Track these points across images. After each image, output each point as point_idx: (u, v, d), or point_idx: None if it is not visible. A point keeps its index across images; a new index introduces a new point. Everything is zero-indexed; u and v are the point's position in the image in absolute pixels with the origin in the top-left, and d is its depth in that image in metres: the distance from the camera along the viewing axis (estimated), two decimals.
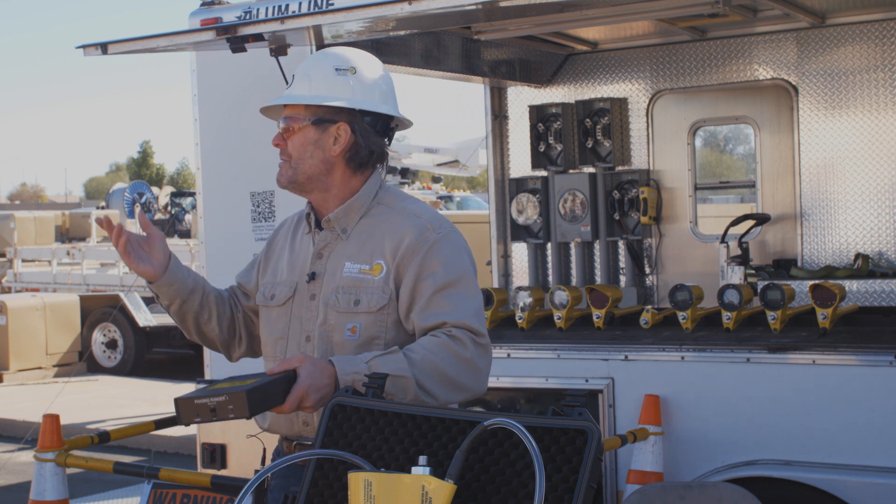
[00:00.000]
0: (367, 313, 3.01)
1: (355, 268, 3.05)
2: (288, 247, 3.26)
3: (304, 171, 3.09)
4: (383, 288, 3.01)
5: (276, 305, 3.18)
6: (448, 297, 2.97)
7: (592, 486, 2.29)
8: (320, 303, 3.08)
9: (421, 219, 3.06)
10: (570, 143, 7.44)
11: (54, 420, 4.82)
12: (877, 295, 6.30)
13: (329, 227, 3.13)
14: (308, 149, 3.07)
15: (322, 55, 3.13)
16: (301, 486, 2.62)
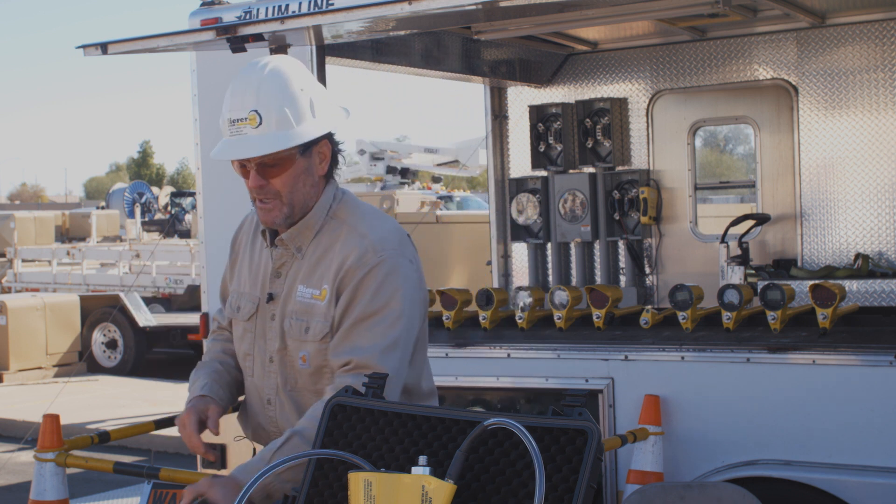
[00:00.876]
0: (313, 342, 2.93)
1: (307, 292, 2.94)
2: (248, 254, 3.15)
3: (300, 203, 2.95)
4: (325, 315, 2.92)
5: (243, 320, 3.08)
6: (366, 329, 2.86)
7: (592, 486, 2.29)
8: (278, 325, 2.99)
9: (366, 239, 2.92)
10: (570, 143, 7.44)
11: (54, 420, 4.81)
12: (877, 295, 6.30)
13: (283, 246, 3.01)
14: (301, 179, 2.92)
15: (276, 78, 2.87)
16: (301, 486, 2.62)
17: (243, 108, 2.85)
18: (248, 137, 2.85)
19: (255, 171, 2.89)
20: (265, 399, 3.05)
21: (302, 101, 2.88)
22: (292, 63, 2.96)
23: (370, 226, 2.96)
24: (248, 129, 2.84)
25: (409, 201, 16.96)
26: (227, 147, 2.88)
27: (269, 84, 2.86)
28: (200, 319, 6.13)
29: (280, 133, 2.85)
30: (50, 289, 18.64)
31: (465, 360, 5.32)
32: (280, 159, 2.88)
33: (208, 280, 6.12)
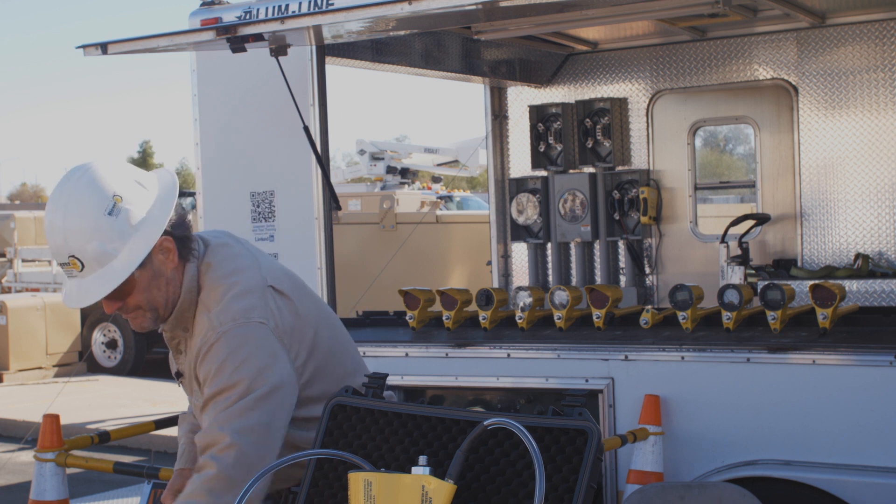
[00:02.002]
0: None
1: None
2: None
3: (162, 304, 2.89)
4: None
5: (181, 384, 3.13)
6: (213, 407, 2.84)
7: (592, 485, 2.29)
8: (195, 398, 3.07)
9: (209, 315, 2.88)
10: (570, 143, 7.44)
11: (54, 420, 4.82)
12: (877, 295, 6.30)
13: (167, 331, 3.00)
14: (152, 285, 2.85)
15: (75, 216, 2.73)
16: (301, 486, 2.62)
17: (61, 253, 2.76)
18: (81, 281, 2.77)
19: (105, 301, 2.81)
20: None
21: (113, 226, 2.74)
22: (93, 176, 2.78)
23: (216, 298, 2.90)
24: (74, 272, 2.76)
25: (409, 201, 16.95)
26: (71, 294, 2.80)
27: (73, 222, 2.74)
28: None
29: (105, 271, 2.75)
30: (50, 289, 18.62)
31: (465, 360, 5.32)
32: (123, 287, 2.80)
33: None
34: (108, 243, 2.73)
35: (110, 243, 2.73)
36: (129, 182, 2.79)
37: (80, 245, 2.72)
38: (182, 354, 3.01)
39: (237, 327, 2.84)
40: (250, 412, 2.78)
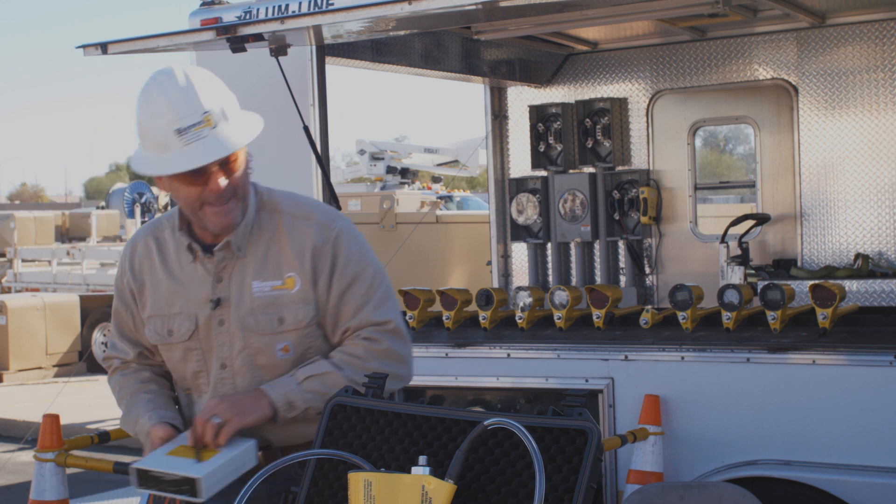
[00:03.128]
0: (295, 330, 2.94)
1: (266, 286, 2.93)
2: (163, 276, 3.03)
3: (246, 201, 2.94)
4: (304, 300, 2.93)
5: (180, 341, 3.01)
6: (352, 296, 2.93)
7: (592, 486, 2.29)
8: (233, 328, 2.95)
9: (313, 220, 2.97)
10: (570, 143, 7.44)
11: (54, 420, 4.82)
12: (877, 295, 6.30)
13: (225, 250, 2.95)
14: (245, 172, 2.92)
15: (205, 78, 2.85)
16: (301, 486, 2.62)
17: (194, 112, 2.78)
18: (213, 140, 2.79)
19: (216, 172, 2.81)
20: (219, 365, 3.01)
21: (229, 93, 2.90)
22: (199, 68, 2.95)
23: (306, 207, 3.02)
24: (206, 131, 2.78)
25: (409, 201, 16.95)
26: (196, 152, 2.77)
27: (204, 82, 2.84)
28: None
29: (239, 125, 2.85)
30: (50, 289, 18.64)
31: (465, 360, 5.32)
32: (240, 158, 2.87)
33: None
34: (231, 102, 2.85)
35: (232, 102, 2.86)
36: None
37: (214, 102, 2.80)
38: (222, 283, 2.95)
39: (345, 223, 3.00)
40: (388, 290, 3.00)
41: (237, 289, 2.95)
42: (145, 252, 3.07)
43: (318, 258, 2.93)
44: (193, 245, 2.97)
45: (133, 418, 3.03)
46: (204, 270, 2.99)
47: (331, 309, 2.95)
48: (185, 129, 2.76)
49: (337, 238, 2.96)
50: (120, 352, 3.16)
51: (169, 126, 2.76)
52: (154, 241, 3.07)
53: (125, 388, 3.12)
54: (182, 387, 3.12)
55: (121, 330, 3.16)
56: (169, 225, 3.05)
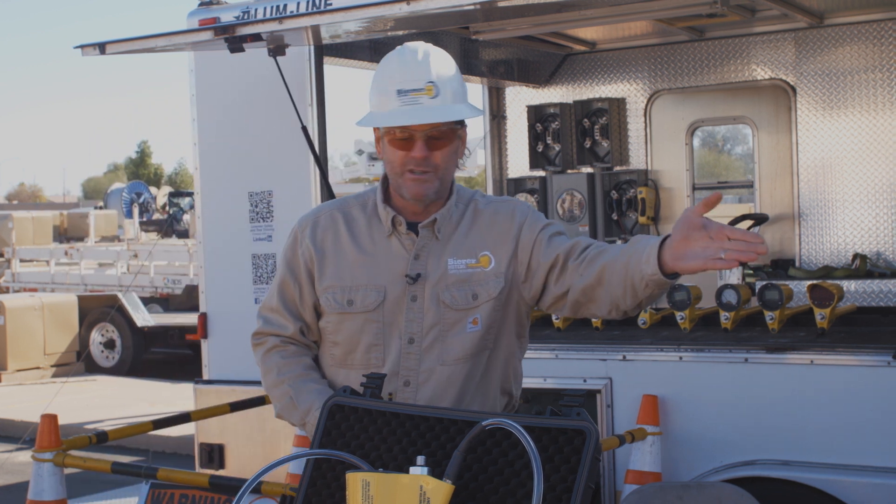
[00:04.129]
0: (487, 301, 3.03)
1: (460, 263, 3.03)
2: (350, 248, 3.09)
3: (447, 180, 3.04)
4: (496, 275, 3.04)
5: (362, 311, 3.04)
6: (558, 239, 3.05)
7: (590, 486, 2.29)
8: (427, 304, 3.02)
9: (508, 203, 3.13)
10: (569, 144, 7.44)
11: (52, 420, 4.82)
12: (875, 295, 6.30)
13: (427, 228, 3.05)
14: (453, 156, 3.04)
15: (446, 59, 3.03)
16: (299, 487, 2.62)
17: (419, 79, 2.93)
18: (425, 107, 2.93)
19: (422, 141, 2.94)
20: (401, 382, 3.03)
21: (463, 84, 3.04)
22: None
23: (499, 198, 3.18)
24: (424, 98, 2.93)
25: None
26: (405, 114, 2.93)
27: (441, 61, 2.99)
28: (199, 319, 6.13)
29: (456, 105, 2.97)
30: (48, 289, 18.64)
31: None
32: (446, 133, 2.97)
33: (206, 280, 6.12)
34: (459, 87, 2.99)
35: (463, 90, 3.00)
36: None
37: (444, 77, 2.95)
38: (419, 260, 3.04)
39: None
40: None
41: (433, 267, 3.04)
42: (330, 223, 3.13)
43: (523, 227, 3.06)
44: (398, 217, 3.06)
45: (304, 408, 3.02)
46: (401, 246, 3.07)
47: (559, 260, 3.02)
48: (406, 92, 2.93)
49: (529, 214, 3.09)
50: (277, 326, 3.15)
51: (392, 86, 2.94)
52: (341, 214, 3.14)
53: (286, 372, 3.11)
54: (336, 362, 3.12)
55: (285, 303, 3.15)
56: (358, 202, 3.16)
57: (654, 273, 2.72)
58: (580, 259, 2.95)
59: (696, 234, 2.60)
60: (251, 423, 5.88)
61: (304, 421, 3.01)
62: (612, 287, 2.85)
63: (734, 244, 2.54)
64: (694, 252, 2.62)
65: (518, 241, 3.05)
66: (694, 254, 2.62)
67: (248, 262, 5.90)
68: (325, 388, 3.05)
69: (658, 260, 2.72)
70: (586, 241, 3.01)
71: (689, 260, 2.63)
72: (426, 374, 3.01)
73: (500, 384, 3.11)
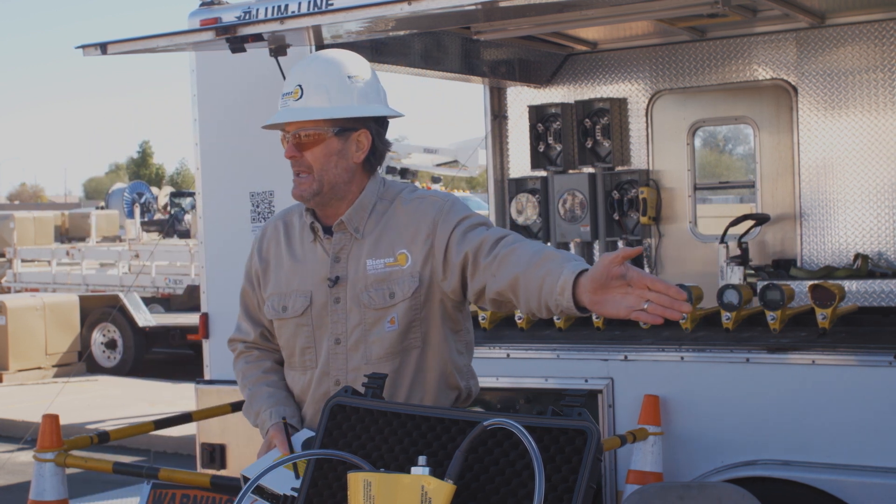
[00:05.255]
0: (402, 301, 3.05)
1: (378, 263, 3.08)
2: (286, 256, 3.23)
3: (329, 182, 3.09)
4: (412, 274, 3.05)
5: (293, 316, 3.18)
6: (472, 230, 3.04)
7: (592, 486, 2.29)
8: (349, 304, 3.10)
9: (427, 199, 3.13)
10: (570, 144, 7.44)
11: (54, 420, 4.82)
12: (876, 295, 6.30)
13: (342, 230, 3.13)
14: (332, 159, 3.07)
15: (325, 62, 3.12)
16: (300, 487, 2.62)
17: (291, 83, 3.11)
18: (289, 109, 3.10)
19: (289, 142, 3.10)
20: (332, 381, 3.14)
21: (345, 85, 3.08)
22: (353, 56, 3.18)
23: (420, 194, 3.18)
24: (290, 101, 3.10)
25: None
26: (272, 117, 3.14)
27: (318, 65, 3.11)
28: (200, 319, 6.13)
29: (315, 107, 3.07)
30: (49, 289, 18.63)
31: None
32: (314, 135, 3.07)
33: (207, 280, 6.11)
34: (334, 92, 3.07)
35: (335, 93, 3.07)
36: (373, 76, 3.17)
37: (312, 80, 3.08)
38: (340, 262, 3.11)
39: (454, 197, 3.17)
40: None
41: (353, 268, 3.11)
42: (273, 234, 3.29)
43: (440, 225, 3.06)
44: (315, 224, 3.15)
45: (255, 410, 3.23)
46: (322, 250, 3.16)
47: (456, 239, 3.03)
48: (283, 96, 3.13)
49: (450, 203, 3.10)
50: (243, 333, 3.37)
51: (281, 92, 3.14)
52: (283, 224, 3.28)
53: (248, 376, 3.31)
54: (289, 364, 3.26)
55: (246, 310, 3.38)
56: (298, 210, 3.26)
57: (569, 307, 2.66)
58: (491, 256, 2.93)
59: (614, 282, 2.53)
60: None
61: (255, 423, 3.21)
62: (528, 299, 2.81)
63: (657, 297, 2.47)
64: (614, 300, 2.53)
65: (434, 238, 3.06)
66: (614, 302, 2.53)
67: None
68: (276, 392, 3.22)
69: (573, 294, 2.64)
70: (496, 233, 2.98)
71: (609, 307, 2.55)
72: (354, 373, 3.08)
73: (443, 380, 3.13)
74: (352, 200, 3.12)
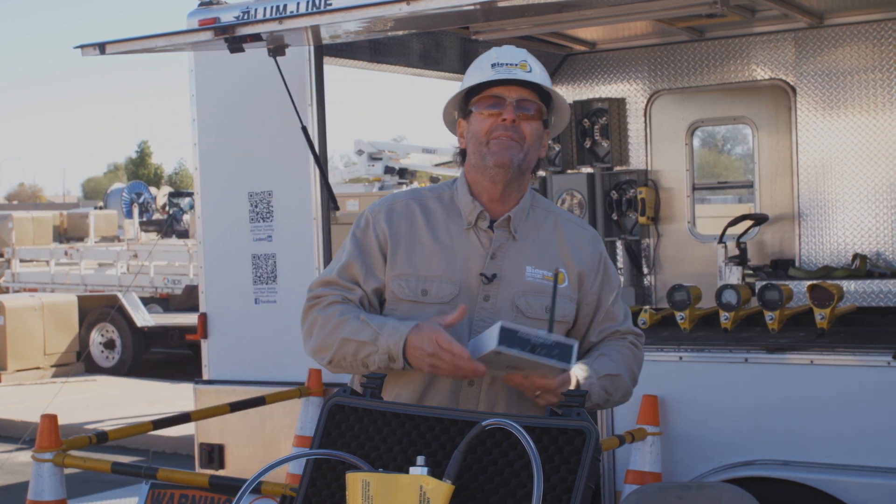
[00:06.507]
0: (558, 322, 2.96)
1: (538, 273, 3.01)
2: (427, 238, 3.03)
3: (529, 161, 3.04)
4: (570, 297, 3.03)
5: (437, 303, 2.97)
6: (618, 305, 3.12)
7: (590, 486, 2.29)
8: (500, 305, 2.98)
9: (587, 229, 3.17)
10: (569, 144, 7.44)
11: (52, 420, 4.82)
12: (875, 295, 6.30)
13: (504, 227, 3.04)
14: (538, 141, 3.05)
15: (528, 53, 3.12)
16: (299, 487, 2.62)
17: (515, 57, 3.02)
18: (518, 73, 3.00)
19: (513, 106, 2.98)
20: (466, 380, 2.94)
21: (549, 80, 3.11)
22: None
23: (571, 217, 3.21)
24: (518, 71, 2.99)
25: None
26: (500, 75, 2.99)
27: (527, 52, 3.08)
28: (199, 319, 6.13)
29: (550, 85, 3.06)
30: (48, 289, 18.63)
31: None
32: (535, 112, 3.01)
33: (206, 280, 6.12)
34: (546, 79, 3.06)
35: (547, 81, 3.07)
36: None
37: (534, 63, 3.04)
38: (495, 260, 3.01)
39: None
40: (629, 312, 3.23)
41: (511, 269, 3.02)
42: (406, 212, 3.07)
43: (592, 265, 3.08)
44: (484, 213, 3.04)
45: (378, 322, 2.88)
46: (479, 242, 3.04)
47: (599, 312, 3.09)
48: (501, 65, 3.00)
49: (605, 253, 3.16)
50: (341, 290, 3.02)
51: (488, 63, 3.02)
52: (418, 205, 3.10)
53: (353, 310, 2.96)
54: None
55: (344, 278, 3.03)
56: (433, 195, 3.11)
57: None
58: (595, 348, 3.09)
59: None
60: (251, 423, 5.88)
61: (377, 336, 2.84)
62: None
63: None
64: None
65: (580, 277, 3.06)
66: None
67: (248, 263, 5.90)
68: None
69: None
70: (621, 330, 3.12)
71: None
72: (490, 377, 2.92)
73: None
74: (518, 198, 3.07)
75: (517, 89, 2.98)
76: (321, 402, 5.47)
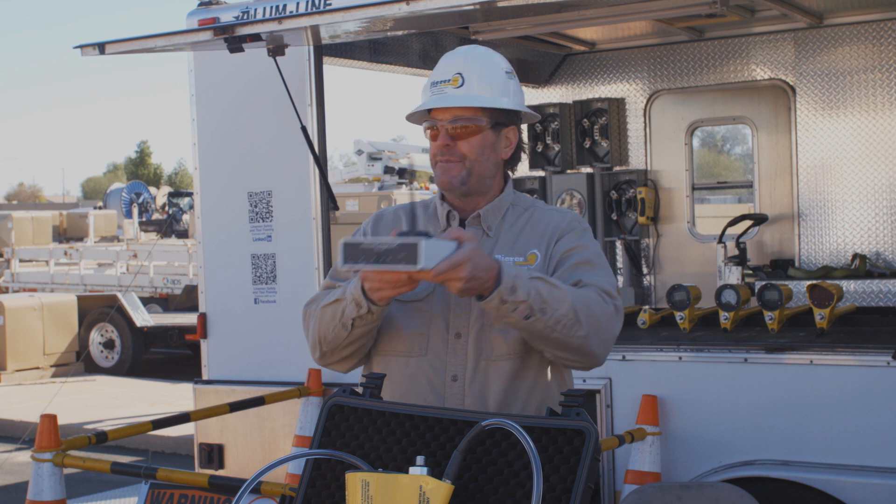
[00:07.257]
0: None
1: (509, 260, 3.03)
2: None
3: (478, 173, 3.06)
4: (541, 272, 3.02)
5: (412, 300, 3.06)
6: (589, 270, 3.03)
7: (590, 486, 2.29)
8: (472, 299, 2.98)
9: (565, 214, 3.17)
10: (568, 144, 7.44)
11: (52, 420, 4.81)
12: (874, 295, 6.31)
13: (476, 224, 3.10)
14: (486, 151, 3.05)
15: (483, 55, 3.12)
16: (298, 487, 2.62)
17: (448, 71, 3.07)
18: (448, 95, 3.05)
19: (445, 130, 3.03)
20: (449, 376, 3.00)
21: (504, 79, 3.10)
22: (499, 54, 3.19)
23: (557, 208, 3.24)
24: (449, 88, 3.04)
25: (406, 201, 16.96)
26: (427, 102, 3.06)
27: (477, 56, 3.10)
28: (198, 319, 6.13)
29: (478, 96, 3.05)
30: (47, 289, 18.64)
31: None
32: (473, 126, 3.03)
33: (206, 280, 6.11)
34: (493, 84, 3.07)
35: (494, 85, 3.07)
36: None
37: (473, 70, 3.06)
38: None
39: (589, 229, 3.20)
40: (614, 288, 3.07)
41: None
42: (393, 219, 3.22)
43: (565, 234, 3.08)
44: (453, 212, 3.13)
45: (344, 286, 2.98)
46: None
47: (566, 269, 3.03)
48: (436, 83, 3.07)
49: (585, 231, 3.12)
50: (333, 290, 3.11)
51: (430, 80, 3.10)
52: (404, 213, 3.22)
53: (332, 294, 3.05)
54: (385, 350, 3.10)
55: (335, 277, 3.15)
56: (421, 205, 3.23)
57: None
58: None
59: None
60: (251, 423, 5.88)
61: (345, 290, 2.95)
62: None
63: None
64: None
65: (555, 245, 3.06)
66: None
67: (247, 262, 5.90)
68: None
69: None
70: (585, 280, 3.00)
71: None
72: (472, 370, 2.98)
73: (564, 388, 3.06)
74: (491, 197, 3.12)
75: (450, 109, 3.03)
76: (321, 402, 5.47)
